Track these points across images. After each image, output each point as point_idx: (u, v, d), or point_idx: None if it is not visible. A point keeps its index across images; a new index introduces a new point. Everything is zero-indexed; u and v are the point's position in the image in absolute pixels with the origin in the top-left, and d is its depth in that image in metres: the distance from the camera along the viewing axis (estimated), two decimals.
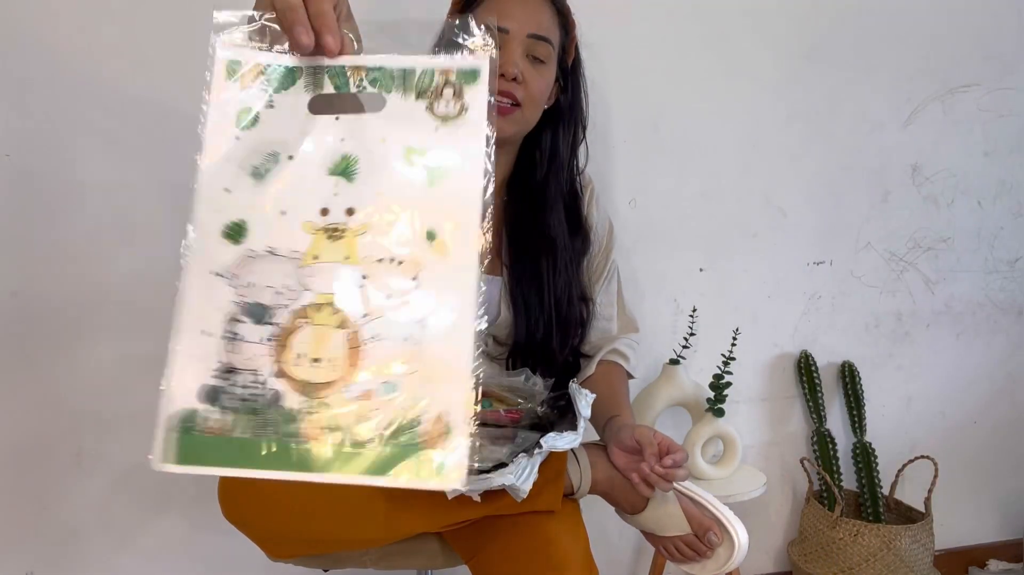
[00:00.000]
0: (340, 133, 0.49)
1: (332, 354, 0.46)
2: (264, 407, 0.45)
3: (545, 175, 1.10)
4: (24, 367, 1.26)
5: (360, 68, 0.49)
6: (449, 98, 0.49)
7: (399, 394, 0.45)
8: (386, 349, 0.45)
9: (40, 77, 1.21)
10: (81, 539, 1.33)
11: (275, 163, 0.48)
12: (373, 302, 0.46)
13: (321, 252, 0.47)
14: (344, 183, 0.48)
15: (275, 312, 0.46)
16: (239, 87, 0.49)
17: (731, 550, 0.96)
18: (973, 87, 1.73)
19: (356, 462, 0.44)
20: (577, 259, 1.12)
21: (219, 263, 0.47)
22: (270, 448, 0.45)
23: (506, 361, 1.11)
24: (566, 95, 1.11)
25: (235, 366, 0.46)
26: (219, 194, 0.48)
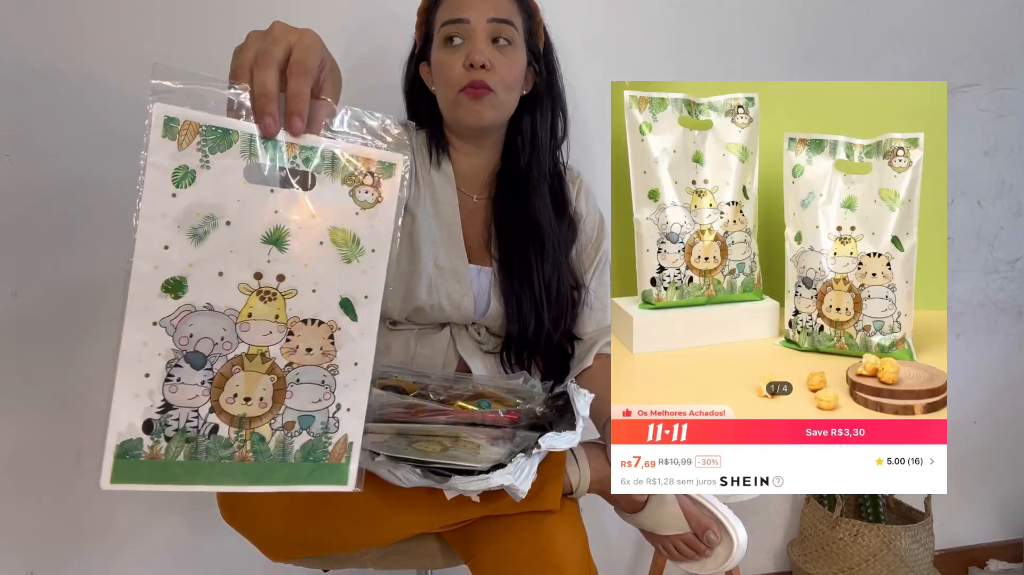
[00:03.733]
0: (275, 205, 0.54)
1: (261, 394, 0.56)
2: (201, 437, 0.54)
3: (528, 160, 1.11)
4: (24, 367, 1.26)
5: (294, 144, 0.54)
6: (369, 186, 0.56)
7: (314, 423, 0.57)
8: (305, 391, 0.57)
9: (40, 77, 1.21)
10: (81, 539, 1.33)
11: (213, 227, 0.53)
12: (297, 354, 0.56)
13: (255, 311, 0.55)
14: (276, 251, 0.55)
15: (212, 360, 0.54)
16: (176, 146, 0.52)
17: (730, 549, 0.96)
18: (973, 87, 1.73)
19: (278, 475, 0.56)
20: (565, 243, 1.13)
21: (159, 314, 0.53)
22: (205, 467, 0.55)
23: (500, 354, 1.11)
24: (541, 78, 1.11)
25: (173, 404, 0.54)
26: (158, 250, 0.53)
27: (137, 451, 0.53)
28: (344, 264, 0.56)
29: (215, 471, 0.55)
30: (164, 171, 0.52)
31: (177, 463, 0.54)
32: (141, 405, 0.53)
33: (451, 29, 1.02)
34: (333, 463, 0.58)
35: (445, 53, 1.03)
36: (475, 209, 1.12)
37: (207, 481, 0.55)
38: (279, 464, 0.56)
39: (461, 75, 1.01)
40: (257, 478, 0.56)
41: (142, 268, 0.53)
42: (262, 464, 0.56)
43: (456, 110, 1.04)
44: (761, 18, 1.56)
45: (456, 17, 1.02)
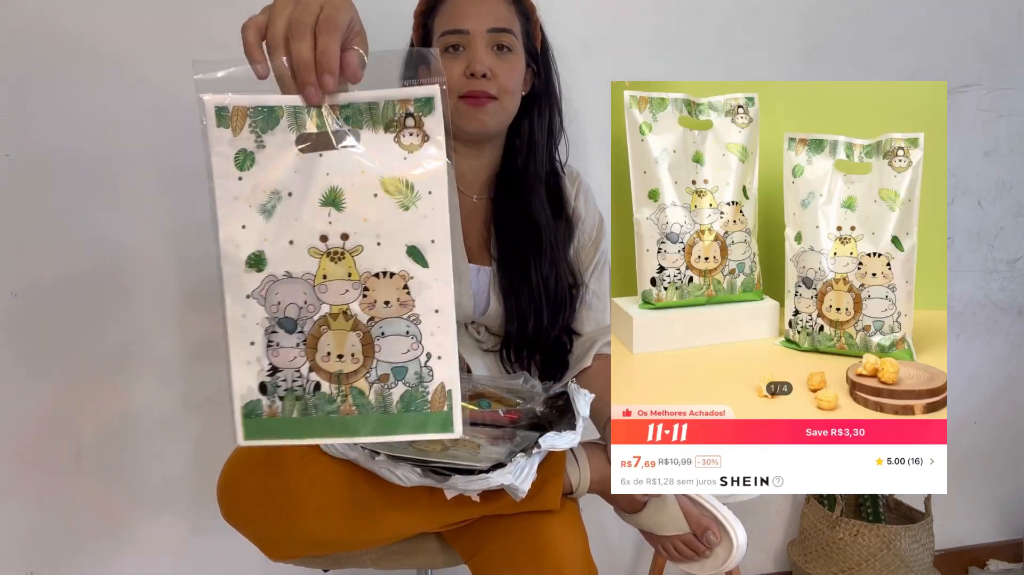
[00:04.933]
0: (325, 167, 0.57)
1: (352, 350, 0.58)
2: (308, 395, 0.58)
3: (525, 160, 1.11)
4: (24, 367, 1.26)
5: (335, 106, 0.57)
6: (412, 128, 0.57)
7: (408, 374, 0.59)
8: (392, 343, 0.58)
9: (40, 77, 1.21)
10: (81, 539, 1.33)
11: (278, 200, 0.57)
12: (376, 308, 0.58)
13: (328, 272, 0.58)
14: (335, 212, 0.57)
15: (301, 323, 0.58)
16: (231, 133, 0.56)
17: (729, 550, 0.96)
18: (973, 87, 1.72)
19: (385, 425, 0.59)
20: (562, 241, 1.13)
21: (249, 288, 0.57)
22: (317, 422, 0.58)
23: (499, 352, 1.11)
24: (539, 79, 1.12)
25: (278, 366, 0.58)
26: (237, 231, 0.57)
27: (259, 411, 0.58)
28: (402, 212, 0.57)
29: (327, 425, 0.58)
30: (227, 158, 0.56)
31: (294, 420, 0.58)
32: (253, 370, 0.58)
33: (451, 39, 1.02)
34: (435, 411, 0.59)
35: (444, 60, 1.03)
36: (474, 209, 1.13)
37: (323, 434, 0.58)
38: (383, 415, 0.58)
39: (461, 83, 1.02)
40: (366, 429, 0.58)
41: (228, 249, 0.57)
42: (368, 416, 0.58)
43: (457, 118, 1.04)
44: (761, 18, 1.55)
45: (456, 28, 1.02)
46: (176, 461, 1.35)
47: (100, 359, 1.29)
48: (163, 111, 1.25)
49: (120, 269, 1.28)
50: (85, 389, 1.29)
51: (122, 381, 1.31)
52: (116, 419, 1.31)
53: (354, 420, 0.58)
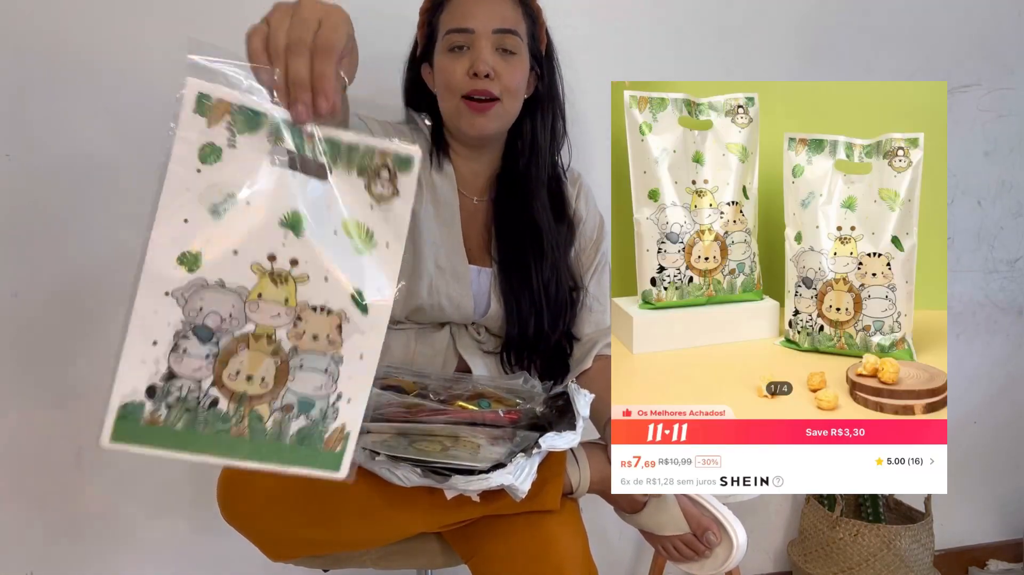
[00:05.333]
0: (293, 189, 0.55)
1: (264, 375, 0.56)
2: (201, 409, 0.55)
3: (527, 163, 1.11)
4: (24, 367, 1.26)
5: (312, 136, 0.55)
6: (385, 179, 0.56)
7: (313, 409, 0.58)
8: (308, 376, 0.57)
9: (40, 77, 1.21)
10: (81, 539, 1.33)
11: (232, 204, 0.54)
12: (303, 340, 0.57)
13: (265, 292, 0.55)
14: (292, 236, 0.55)
15: (219, 335, 0.55)
16: (206, 123, 0.53)
17: (729, 550, 0.96)
18: (973, 87, 1.72)
19: (272, 453, 0.57)
20: (563, 245, 1.13)
21: (171, 285, 0.54)
22: (200, 438, 0.56)
23: (500, 355, 1.11)
24: (543, 82, 1.11)
25: (178, 373, 0.55)
26: (178, 223, 0.53)
27: (138, 414, 0.54)
28: (356, 256, 0.57)
29: (210, 443, 0.56)
30: (192, 146, 0.53)
31: (175, 431, 0.55)
32: (147, 371, 0.54)
33: (456, 38, 1.02)
34: (328, 450, 0.58)
35: (449, 59, 1.03)
36: (475, 211, 1.12)
37: (201, 451, 0.56)
38: (274, 444, 0.57)
39: (464, 82, 1.01)
40: (250, 454, 0.57)
41: (160, 238, 0.53)
42: (257, 442, 0.56)
43: (459, 119, 1.04)
44: (761, 18, 1.55)
45: (461, 27, 1.02)
46: (176, 461, 1.35)
47: (100, 359, 1.29)
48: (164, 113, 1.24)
49: (120, 269, 1.27)
50: (85, 389, 1.29)
51: None
52: None
53: (241, 442, 0.56)
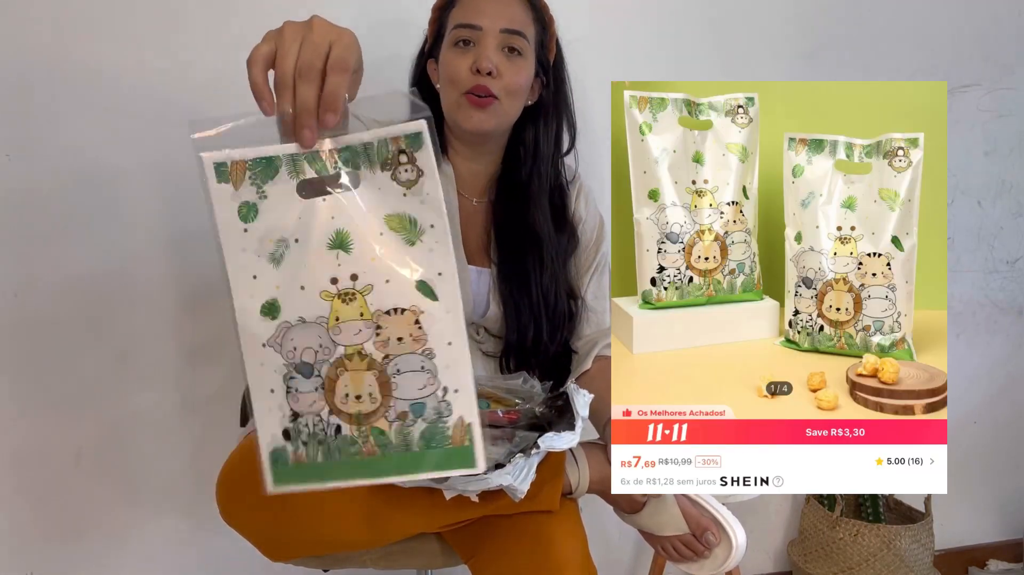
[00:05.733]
0: (329, 212, 0.57)
1: (369, 390, 0.58)
2: (330, 438, 0.58)
3: (529, 171, 1.11)
4: (24, 367, 1.26)
5: (333, 150, 0.57)
6: (406, 164, 0.57)
7: (426, 410, 0.58)
8: (409, 379, 0.58)
9: (40, 78, 1.21)
10: (81, 539, 1.33)
11: (286, 248, 0.57)
12: (390, 345, 0.58)
13: (341, 314, 0.58)
14: (344, 254, 0.57)
15: (318, 367, 0.58)
16: (232, 187, 0.56)
17: (729, 550, 0.96)
18: (973, 87, 1.72)
19: (408, 464, 0.59)
20: (564, 255, 1.13)
21: (265, 336, 0.58)
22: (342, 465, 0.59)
23: (500, 359, 1.11)
24: (548, 91, 1.11)
25: (299, 411, 0.58)
26: (249, 282, 0.57)
27: (285, 457, 0.59)
28: (408, 247, 0.57)
29: (351, 467, 0.59)
30: (231, 212, 0.56)
31: (318, 464, 0.58)
32: (275, 417, 0.58)
33: (463, 33, 1.02)
34: (457, 446, 0.59)
35: (454, 54, 1.03)
36: (474, 212, 1.12)
37: (348, 476, 0.59)
38: (405, 454, 0.58)
39: (466, 77, 1.01)
40: (390, 470, 0.59)
41: (242, 301, 0.57)
42: (389, 456, 0.58)
43: (457, 112, 1.04)
44: (761, 18, 1.55)
45: (470, 22, 1.02)
46: (176, 461, 1.35)
47: (100, 359, 1.29)
48: (164, 116, 1.25)
49: (120, 269, 1.28)
50: (85, 389, 1.29)
51: (122, 381, 1.31)
52: (116, 419, 1.31)
53: (377, 461, 0.59)
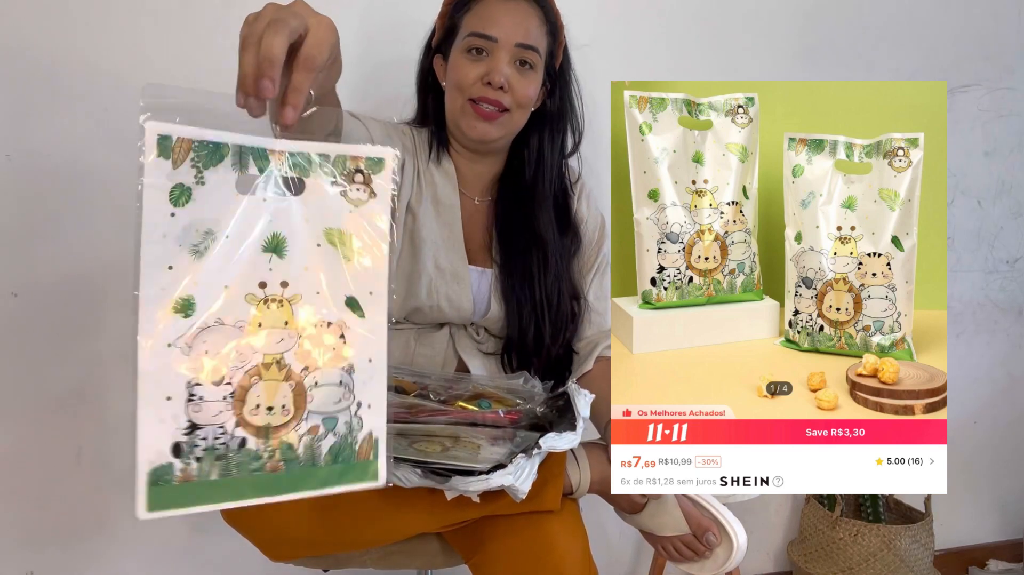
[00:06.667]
0: (268, 214, 0.54)
1: (283, 401, 0.55)
2: (231, 453, 0.54)
3: (533, 175, 1.11)
4: (24, 367, 1.26)
5: (281, 152, 0.54)
6: (360, 183, 0.56)
7: (338, 424, 0.57)
8: (325, 393, 0.56)
9: (40, 78, 1.21)
10: (81, 539, 1.33)
11: (213, 241, 0.52)
12: (311, 358, 0.56)
13: (264, 320, 0.54)
14: (276, 259, 0.55)
15: (230, 374, 0.53)
16: (171, 165, 0.51)
17: (729, 550, 0.96)
18: (973, 87, 1.73)
19: (312, 479, 0.56)
20: (567, 257, 1.13)
21: (172, 335, 0.52)
22: (239, 482, 0.54)
23: (500, 357, 1.11)
24: (553, 98, 1.12)
25: (199, 423, 0.53)
26: (163, 272, 0.52)
27: (169, 476, 0.52)
28: (344, 263, 0.56)
29: (248, 485, 0.55)
30: (161, 191, 0.51)
31: (210, 482, 0.53)
32: (167, 430, 0.52)
33: (477, 42, 1.02)
34: (362, 461, 0.58)
35: (465, 60, 1.03)
36: (476, 211, 1.12)
37: (241, 496, 0.55)
38: (310, 469, 0.56)
39: (476, 86, 1.02)
40: (290, 486, 0.56)
41: (149, 291, 0.52)
42: (293, 472, 0.56)
43: (461, 119, 1.04)
44: (761, 18, 1.56)
45: (485, 33, 1.02)
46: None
47: (100, 359, 1.29)
48: None
49: (120, 269, 1.28)
50: (85, 389, 1.29)
51: (122, 381, 1.31)
52: (116, 419, 1.31)
53: (279, 478, 0.55)
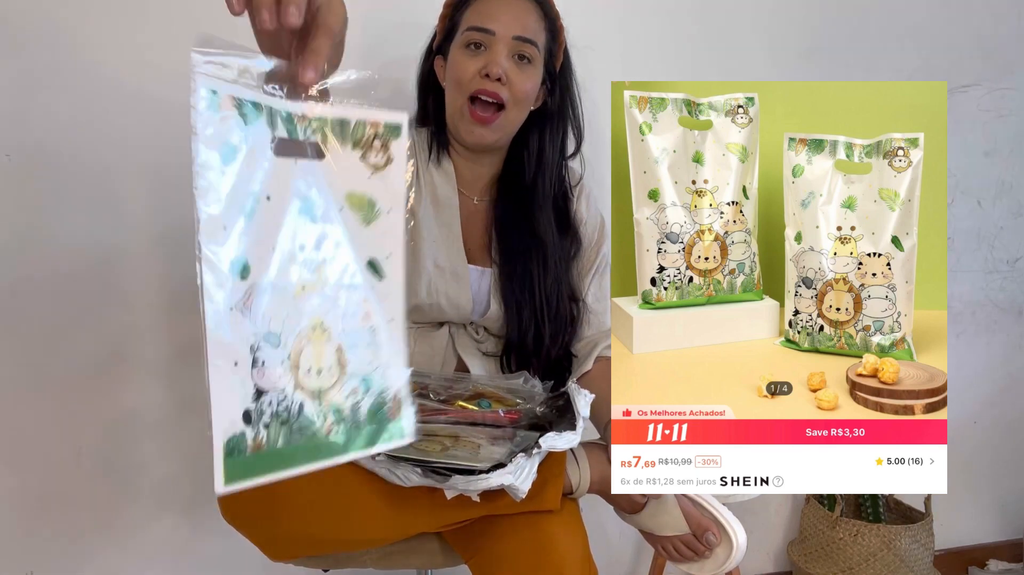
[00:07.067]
0: (300, 175, 0.55)
1: (329, 363, 0.56)
2: (292, 418, 0.54)
3: (533, 176, 1.11)
4: (23, 367, 1.26)
5: (305, 116, 0.54)
6: (378, 149, 0.57)
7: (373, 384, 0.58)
8: (359, 354, 0.57)
9: (40, 77, 1.21)
10: (81, 539, 1.33)
11: (257, 203, 0.52)
12: (344, 319, 0.57)
13: (307, 283, 0.55)
14: (309, 223, 0.55)
15: (285, 337, 0.54)
16: (219, 120, 0.50)
17: (729, 550, 0.96)
18: (973, 87, 1.73)
19: (358, 440, 0.57)
20: (567, 260, 1.13)
21: (234, 299, 0.51)
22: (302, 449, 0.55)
23: (500, 359, 1.11)
24: (553, 98, 1.12)
25: (263, 388, 0.52)
26: (220, 232, 0.50)
27: (243, 446, 0.51)
28: (364, 227, 0.57)
29: (309, 451, 0.55)
30: (212, 147, 0.50)
31: (278, 450, 0.53)
32: (236, 397, 0.51)
33: (475, 36, 1.02)
34: (392, 419, 0.59)
35: (464, 55, 1.03)
36: (475, 211, 1.12)
37: (306, 461, 0.55)
38: (356, 431, 0.57)
39: (474, 80, 1.01)
40: (343, 449, 0.57)
41: (210, 254, 0.50)
42: (344, 435, 0.57)
43: (459, 121, 1.04)
44: (761, 18, 1.56)
45: (483, 26, 1.02)
46: (176, 461, 1.35)
47: (100, 359, 1.29)
48: (165, 115, 1.24)
49: (119, 269, 1.28)
50: (85, 389, 1.29)
51: (122, 381, 1.31)
52: (115, 419, 1.31)
53: (333, 442, 0.56)
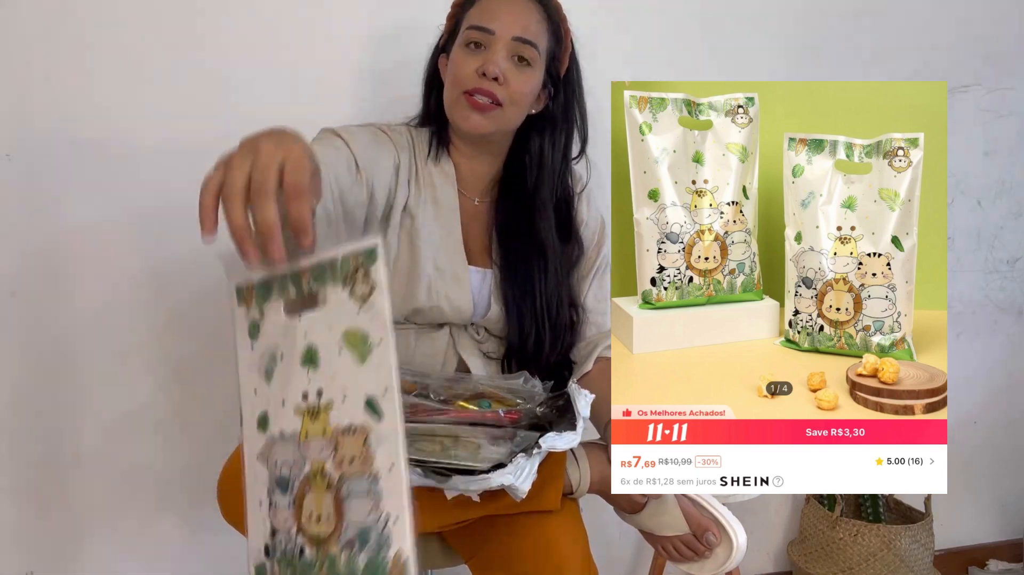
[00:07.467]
0: (304, 328, 0.59)
1: (328, 511, 0.57)
2: (296, 561, 0.57)
3: (535, 181, 1.11)
4: (24, 366, 1.26)
5: (305, 270, 0.58)
6: (361, 279, 0.57)
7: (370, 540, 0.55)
8: (357, 504, 0.56)
9: (40, 78, 1.21)
10: (81, 539, 1.33)
11: (274, 363, 0.59)
12: (343, 466, 0.56)
13: (309, 429, 0.58)
14: (312, 371, 0.58)
15: (292, 482, 0.58)
16: (245, 308, 0.61)
17: (729, 550, 0.96)
18: (973, 87, 1.72)
19: None
20: (568, 266, 1.13)
21: (258, 449, 0.60)
22: None
23: (501, 362, 1.11)
24: (556, 102, 1.11)
25: (276, 528, 0.58)
26: (251, 395, 0.61)
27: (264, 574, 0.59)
28: (360, 365, 0.56)
29: None
30: (244, 332, 0.61)
31: None
32: (261, 532, 0.59)
33: (475, 35, 1.02)
34: None
35: (463, 53, 1.03)
36: (475, 212, 1.12)
37: None
38: None
39: (471, 78, 1.01)
40: None
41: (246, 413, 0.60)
42: None
43: (455, 110, 1.04)
44: (761, 18, 1.55)
45: (483, 25, 1.02)
46: (176, 461, 1.35)
47: (100, 359, 1.29)
48: (165, 115, 1.25)
49: (120, 268, 1.28)
50: (85, 389, 1.29)
51: (122, 381, 1.31)
52: (116, 419, 1.31)
53: None
